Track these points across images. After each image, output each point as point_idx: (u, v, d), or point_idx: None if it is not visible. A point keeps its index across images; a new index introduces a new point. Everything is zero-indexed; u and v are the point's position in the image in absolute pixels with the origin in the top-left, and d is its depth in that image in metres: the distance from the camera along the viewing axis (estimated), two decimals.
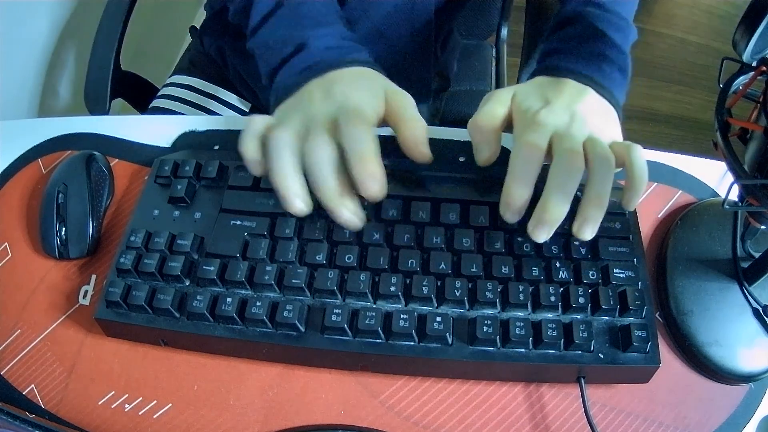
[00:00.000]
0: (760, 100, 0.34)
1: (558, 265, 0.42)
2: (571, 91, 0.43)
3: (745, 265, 0.44)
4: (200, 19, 0.76)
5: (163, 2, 1.17)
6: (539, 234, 0.39)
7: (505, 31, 0.98)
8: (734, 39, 0.35)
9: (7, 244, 0.51)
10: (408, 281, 0.42)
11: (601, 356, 0.40)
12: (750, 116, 0.36)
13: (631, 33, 0.49)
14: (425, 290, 0.41)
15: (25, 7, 0.84)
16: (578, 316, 0.41)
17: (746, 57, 0.35)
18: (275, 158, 0.40)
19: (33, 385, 0.44)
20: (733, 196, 0.44)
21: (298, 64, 0.45)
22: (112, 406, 0.43)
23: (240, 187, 0.46)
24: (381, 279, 0.41)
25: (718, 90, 0.38)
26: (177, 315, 0.42)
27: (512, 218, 0.40)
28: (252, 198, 0.45)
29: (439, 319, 0.40)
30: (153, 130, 0.55)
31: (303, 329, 0.41)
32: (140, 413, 0.43)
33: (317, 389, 0.43)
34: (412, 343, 0.40)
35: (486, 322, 0.40)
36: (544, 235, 0.39)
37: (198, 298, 0.41)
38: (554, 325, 0.40)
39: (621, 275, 0.42)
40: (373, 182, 0.39)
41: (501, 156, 0.43)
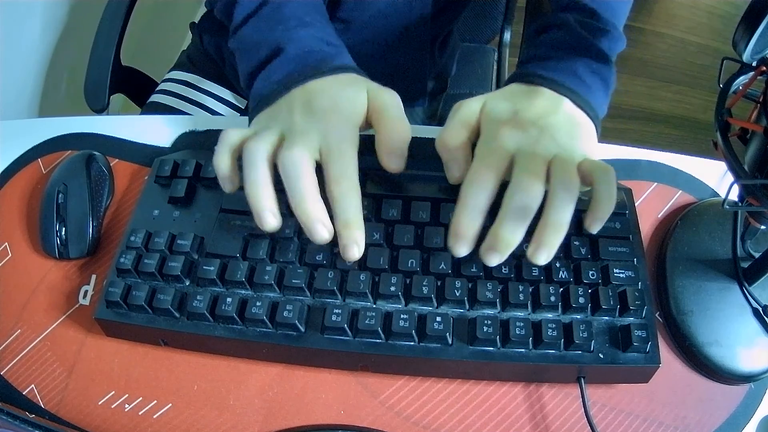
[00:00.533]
0: (760, 100, 0.34)
1: (558, 265, 0.42)
2: (543, 102, 0.41)
3: (745, 265, 0.44)
4: (200, 17, 0.76)
5: None
6: (490, 259, 0.38)
7: (508, 35, 0.98)
8: (734, 39, 0.35)
9: (7, 244, 0.51)
10: (408, 281, 0.42)
11: (601, 356, 0.40)
12: (750, 116, 0.36)
13: (619, 42, 0.47)
14: (425, 290, 0.41)
15: (25, 8, 0.84)
16: (578, 316, 0.41)
17: (746, 57, 0.35)
18: (248, 170, 0.39)
19: (33, 385, 0.44)
20: (733, 196, 0.44)
21: (275, 70, 0.44)
22: (112, 406, 0.43)
23: (240, 187, 0.46)
24: (381, 279, 0.41)
25: (718, 90, 0.38)
26: (177, 315, 0.42)
27: (462, 250, 0.38)
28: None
29: (439, 319, 0.40)
30: (153, 130, 0.55)
31: (303, 329, 0.41)
32: (140, 413, 0.43)
33: (317, 389, 0.43)
34: (412, 343, 0.40)
35: (486, 322, 0.40)
36: (496, 260, 0.38)
37: (198, 298, 0.41)
38: (554, 325, 0.40)
39: (621, 275, 0.42)
40: (355, 249, 0.39)
41: None
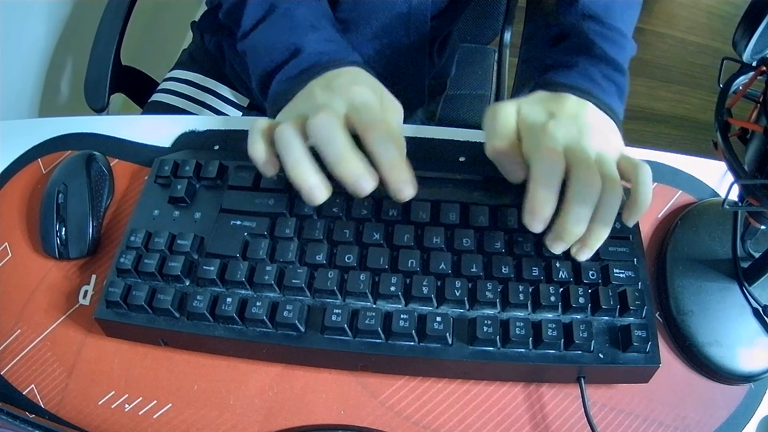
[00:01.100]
0: (760, 100, 0.34)
1: (558, 265, 0.42)
2: (572, 105, 0.43)
3: (745, 265, 0.44)
4: (201, 16, 0.76)
5: None
6: (557, 247, 0.39)
7: (508, 36, 0.98)
8: (734, 39, 0.35)
9: (7, 244, 0.51)
10: (408, 281, 0.42)
11: (601, 356, 0.40)
12: (750, 116, 0.36)
13: (630, 48, 0.49)
14: (425, 290, 0.41)
15: (25, 8, 0.84)
16: (578, 316, 0.41)
17: (746, 57, 0.35)
18: (285, 152, 0.39)
19: (33, 385, 0.44)
20: (733, 196, 0.44)
21: (293, 68, 0.45)
22: (112, 406, 0.43)
23: (240, 187, 0.46)
24: (381, 279, 0.41)
25: (718, 90, 0.38)
26: (177, 315, 0.42)
27: (538, 227, 0.39)
28: (252, 198, 0.45)
29: (439, 319, 0.40)
30: (153, 130, 0.55)
31: (303, 329, 0.41)
32: (140, 413, 0.43)
33: (317, 389, 0.43)
34: (412, 343, 0.40)
35: (486, 322, 0.40)
36: (562, 248, 0.39)
37: (198, 298, 0.41)
38: (554, 325, 0.40)
39: (621, 275, 0.42)
40: (408, 187, 0.38)
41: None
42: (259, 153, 0.41)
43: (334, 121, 0.38)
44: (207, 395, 0.43)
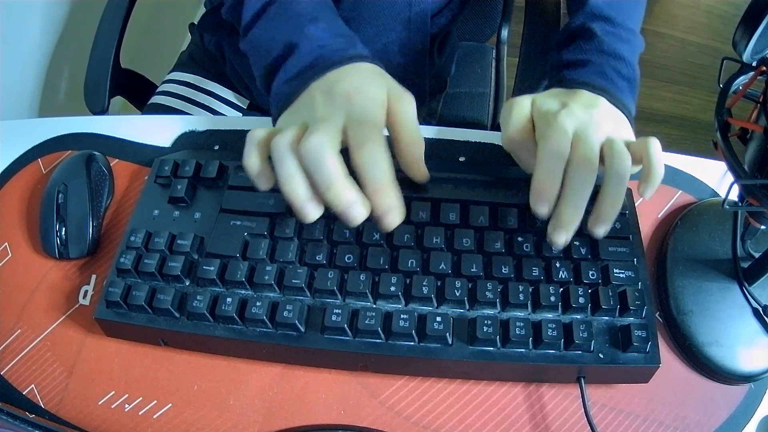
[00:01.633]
0: (760, 100, 0.34)
1: (558, 265, 0.42)
2: (586, 97, 0.44)
3: (745, 265, 0.44)
4: (200, 16, 0.76)
5: (164, 0, 1.17)
6: (558, 237, 0.40)
7: (505, 33, 0.98)
8: (734, 39, 0.35)
9: (7, 244, 0.51)
10: (408, 281, 0.42)
11: (601, 356, 0.40)
12: (750, 116, 0.36)
13: (638, 44, 0.50)
14: (425, 290, 0.41)
15: (25, 8, 0.84)
16: (578, 316, 0.41)
17: (746, 57, 0.35)
18: (278, 166, 0.38)
19: (33, 385, 0.44)
20: (733, 196, 0.44)
21: (291, 68, 0.44)
22: (112, 406, 0.43)
23: (240, 187, 0.46)
24: (381, 279, 0.41)
25: (718, 90, 0.38)
26: (177, 315, 0.42)
27: (543, 208, 0.40)
28: (252, 198, 0.45)
29: (439, 319, 0.40)
30: (153, 130, 0.55)
31: (303, 329, 0.41)
32: (140, 413, 0.43)
33: (317, 389, 0.43)
34: (412, 343, 0.40)
35: (486, 322, 0.40)
36: (563, 238, 0.40)
37: (198, 298, 0.41)
38: (554, 325, 0.40)
39: (621, 275, 0.42)
40: (393, 215, 0.38)
41: (501, 156, 0.43)
42: (253, 164, 0.40)
43: (325, 146, 0.37)
44: (207, 395, 0.43)
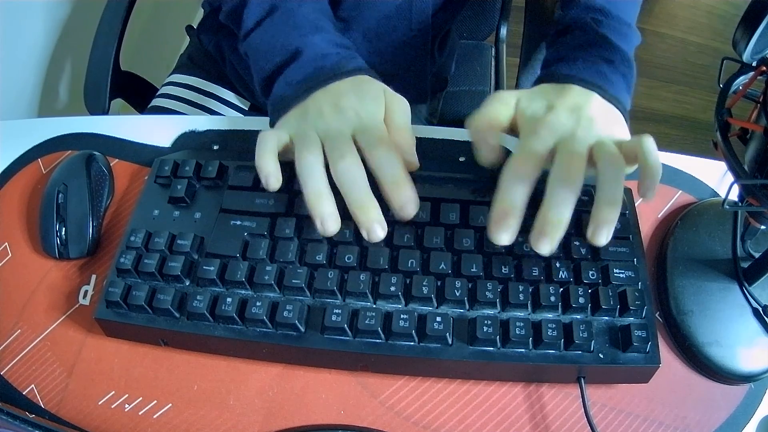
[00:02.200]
0: (760, 100, 0.34)
1: (558, 265, 0.42)
2: (576, 96, 0.43)
3: (745, 265, 0.44)
4: (199, 19, 0.76)
5: (163, 2, 1.17)
6: (542, 245, 0.38)
7: (504, 31, 0.98)
8: (734, 39, 0.35)
9: (7, 244, 0.51)
10: (408, 281, 0.42)
11: (601, 356, 0.40)
12: (750, 116, 0.36)
13: (635, 38, 0.49)
14: (425, 290, 0.41)
15: (24, 7, 0.84)
16: (578, 316, 0.41)
17: (746, 57, 0.35)
18: (307, 180, 0.40)
19: (33, 385, 0.44)
20: (733, 196, 0.44)
21: (295, 72, 0.45)
22: (112, 406, 0.43)
23: (240, 187, 0.46)
24: (381, 279, 0.41)
25: (718, 90, 0.38)
26: (177, 315, 0.42)
27: (505, 237, 0.39)
28: (252, 198, 0.45)
29: (439, 319, 0.40)
30: (153, 130, 0.55)
31: (303, 329, 0.41)
32: (140, 413, 0.43)
33: (317, 389, 0.43)
34: (412, 343, 0.40)
35: (486, 322, 0.40)
36: (548, 246, 0.38)
37: (198, 298, 0.41)
38: (554, 325, 0.40)
39: (621, 275, 0.42)
40: (411, 205, 0.41)
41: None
42: (268, 168, 0.41)
43: (357, 166, 0.40)
44: (207, 395, 0.43)
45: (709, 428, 0.42)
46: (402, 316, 0.40)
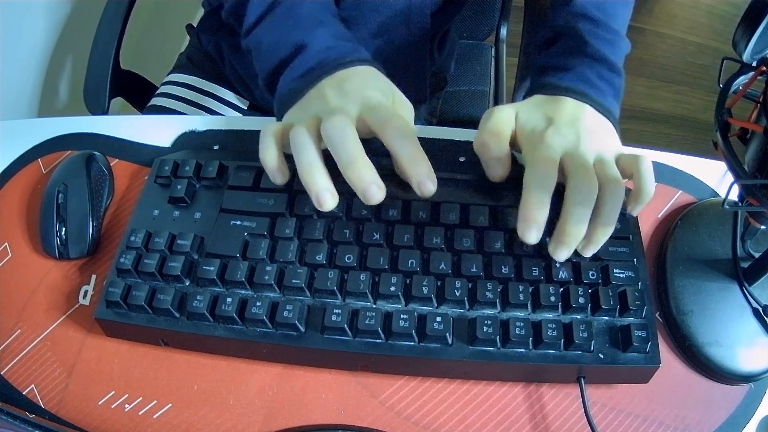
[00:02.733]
0: (760, 100, 0.34)
1: (558, 265, 0.42)
2: (571, 109, 0.44)
3: (745, 265, 0.44)
4: (199, 18, 0.76)
5: (163, 1, 1.17)
6: (560, 254, 0.40)
7: (504, 31, 0.99)
8: (734, 39, 0.35)
9: (7, 244, 0.51)
10: (408, 281, 0.42)
11: (601, 356, 0.40)
12: (750, 116, 0.36)
13: (624, 47, 0.49)
14: (425, 290, 0.41)
15: (24, 7, 0.84)
16: (578, 316, 0.41)
17: (746, 57, 0.35)
18: (299, 155, 0.39)
19: (33, 385, 0.44)
20: (733, 196, 0.44)
21: (300, 66, 0.45)
22: (112, 406, 0.43)
23: (240, 187, 0.46)
24: (381, 279, 0.41)
25: (718, 90, 0.38)
26: (177, 315, 0.42)
27: (533, 236, 0.38)
28: (252, 198, 0.45)
29: (439, 319, 0.40)
30: (153, 130, 0.55)
31: (303, 329, 0.41)
32: (140, 413, 0.43)
33: (317, 389, 0.43)
34: (412, 343, 0.40)
35: (486, 322, 0.40)
36: (565, 254, 0.40)
37: (198, 298, 0.41)
38: (554, 325, 0.40)
39: (621, 275, 0.42)
40: (429, 183, 0.39)
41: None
42: (271, 158, 0.41)
43: (348, 124, 0.38)
44: (207, 395, 0.43)
45: (709, 428, 0.42)
46: (402, 316, 0.40)
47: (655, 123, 1.65)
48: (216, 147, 0.53)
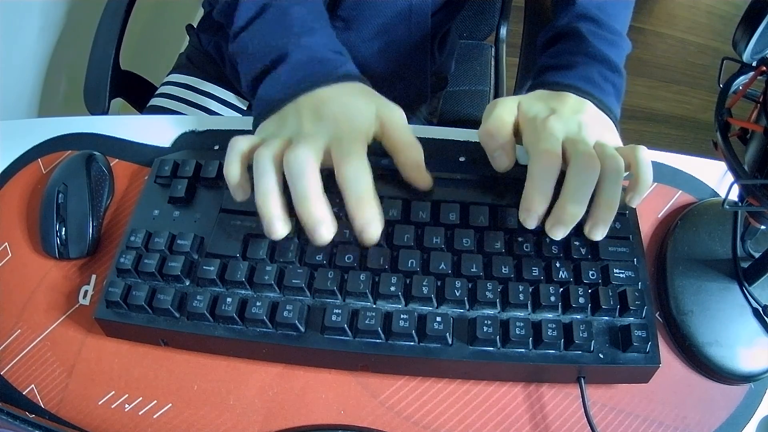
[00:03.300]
0: (760, 100, 0.34)
1: (558, 265, 0.42)
2: (573, 102, 0.44)
3: (745, 265, 0.44)
4: (199, 18, 0.76)
5: (163, 1, 1.17)
6: (557, 232, 0.40)
7: (504, 31, 0.99)
8: (734, 39, 0.35)
9: (7, 244, 0.51)
10: (408, 281, 0.42)
11: (601, 356, 0.40)
12: (750, 116, 0.36)
13: (625, 47, 0.50)
14: (425, 290, 0.41)
15: (25, 7, 0.84)
16: (578, 316, 0.41)
17: (746, 57, 0.35)
18: (257, 179, 0.39)
19: (33, 385, 0.44)
20: (733, 196, 0.44)
21: (283, 75, 0.44)
22: (112, 406, 0.43)
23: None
24: (381, 279, 0.41)
25: (718, 90, 0.38)
26: (177, 315, 0.42)
27: (533, 224, 0.40)
28: (252, 198, 0.45)
29: (439, 319, 0.40)
30: (153, 130, 0.55)
31: (303, 329, 0.41)
32: (140, 413, 0.43)
33: (317, 389, 0.43)
34: (412, 343, 0.40)
35: (486, 322, 0.40)
36: (562, 233, 0.40)
37: (198, 298, 0.41)
38: (554, 325, 0.40)
39: (621, 275, 0.42)
40: (372, 226, 0.39)
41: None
42: (234, 174, 0.41)
43: (310, 159, 0.38)
44: (207, 395, 0.43)
45: (709, 428, 0.42)
46: (402, 316, 0.40)
47: (655, 123, 1.65)
48: (216, 147, 0.53)
